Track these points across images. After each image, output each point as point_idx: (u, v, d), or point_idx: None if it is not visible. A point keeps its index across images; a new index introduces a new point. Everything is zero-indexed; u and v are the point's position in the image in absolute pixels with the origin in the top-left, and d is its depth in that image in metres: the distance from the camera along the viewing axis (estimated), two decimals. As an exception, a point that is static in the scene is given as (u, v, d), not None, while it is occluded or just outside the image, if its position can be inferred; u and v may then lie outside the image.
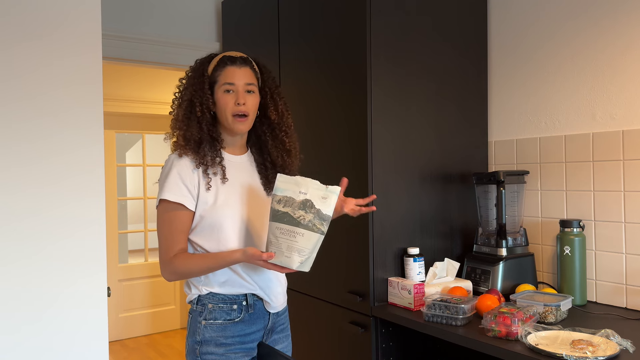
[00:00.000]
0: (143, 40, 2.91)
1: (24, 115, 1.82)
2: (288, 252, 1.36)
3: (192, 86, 1.55)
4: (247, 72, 1.55)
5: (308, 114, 2.30)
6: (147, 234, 5.23)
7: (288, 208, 1.38)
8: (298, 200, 1.38)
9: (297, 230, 1.36)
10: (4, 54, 1.79)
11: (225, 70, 1.54)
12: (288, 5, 2.44)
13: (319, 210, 1.37)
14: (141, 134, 5.27)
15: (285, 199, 1.39)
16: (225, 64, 1.55)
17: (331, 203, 1.38)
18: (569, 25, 2.06)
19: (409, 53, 2.08)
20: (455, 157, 2.22)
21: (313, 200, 1.38)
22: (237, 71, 1.54)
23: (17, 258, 1.81)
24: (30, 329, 1.83)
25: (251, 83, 1.55)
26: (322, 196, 1.38)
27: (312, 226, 1.36)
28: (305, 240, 1.36)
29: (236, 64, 1.55)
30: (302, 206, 1.37)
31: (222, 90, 1.54)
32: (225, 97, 1.53)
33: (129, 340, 4.92)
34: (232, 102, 1.53)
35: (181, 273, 1.49)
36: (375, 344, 1.98)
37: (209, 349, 1.52)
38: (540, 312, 1.69)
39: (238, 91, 1.53)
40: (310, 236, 1.36)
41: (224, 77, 1.54)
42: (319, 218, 1.37)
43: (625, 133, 1.89)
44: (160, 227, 1.52)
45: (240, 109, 1.53)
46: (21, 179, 1.82)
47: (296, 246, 1.36)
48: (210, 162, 1.53)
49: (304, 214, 1.36)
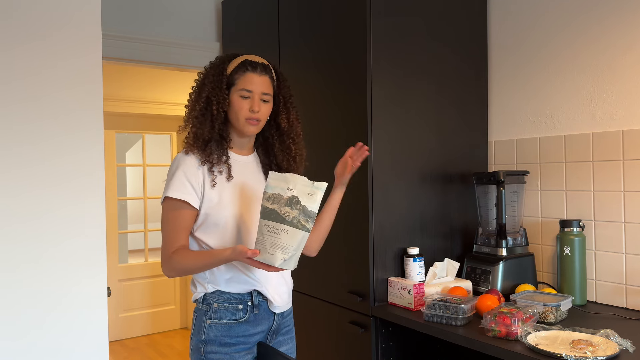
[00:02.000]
0: (143, 40, 2.92)
1: (24, 118, 1.82)
2: (272, 249, 1.37)
3: (210, 83, 1.55)
4: (265, 80, 1.56)
5: (307, 114, 2.30)
6: (147, 234, 5.23)
7: (275, 205, 1.39)
8: (285, 197, 1.39)
9: (282, 227, 1.37)
10: (4, 56, 1.79)
11: (245, 75, 1.54)
12: (288, 5, 2.44)
13: (304, 207, 1.37)
14: (141, 134, 5.27)
15: (274, 196, 1.40)
16: (246, 69, 1.55)
17: (317, 199, 1.39)
18: (569, 26, 2.06)
19: (409, 54, 2.08)
20: (455, 157, 2.22)
21: (299, 196, 1.38)
22: (257, 79, 1.54)
23: (17, 259, 1.81)
24: (30, 329, 1.83)
25: (267, 93, 1.56)
26: (308, 192, 1.39)
27: (297, 223, 1.36)
28: (289, 238, 1.36)
29: (257, 71, 1.55)
30: (288, 203, 1.38)
31: (239, 95, 1.54)
32: (241, 101, 1.54)
33: (129, 340, 4.92)
34: (247, 108, 1.54)
35: (179, 269, 1.50)
36: (375, 344, 1.98)
37: (213, 348, 1.53)
38: (540, 312, 1.69)
39: (254, 99, 1.54)
40: (294, 233, 1.36)
41: (242, 82, 1.54)
42: (304, 215, 1.37)
43: (625, 133, 1.89)
44: (164, 224, 1.54)
45: (253, 115, 1.54)
46: (21, 181, 1.82)
47: (280, 243, 1.36)
48: (216, 160, 1.54)
49: (289, 211, 1.37)
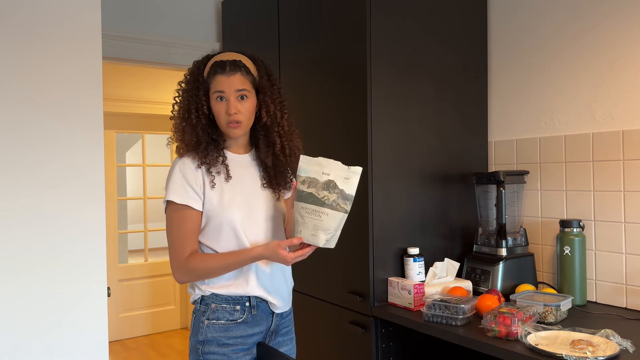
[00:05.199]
0: (143, 40, 2.91)
1: (24, 118, 1.82)
2: (314, 230, 1.42)
3: (187, 92, 1.55)
4: (236, 78, 1.50)
5: (308, 114, 2.30)
6: (147, 234, 5.23)
7: (312, 189, 1.43)
8: (322, 181, 1.43)
9: (322, 210, 1.42)
10: (4, 56, 1.79)
11: (215, 78, 1.51)
12: (288, 5, 2.44)
13: (342, 191, 1.42)
14: (141, 134, 5.27)
15: (309, 180, 1.44)
16: (216, 72, 1.51)
17: (353, 183, 1.43)
18: (569, 26, 2.06)
19: (409, 54, 2.08)
20: (455, 157, 2.22)
21: (336, 180, 1.43)
22: (226, 80, 1.50)
23: (18, 260, 1.81)
24: (30, 329, 1.83)
25: (242, 89, 1.51)
26: (344, 177, 1.43)
27: (337, 206, 1.42)
28: (330, 219, 1.41)
29: (225, 71, 1.50)
30: (325, 187, 1.43)
31: (215, 98, 1.52)
32: (218, 105, 1.51)
33: (129, 340, 4.92)
34: (224, 111, 1.51)
35: (199, 272, 1.48)
36: (375, 344, 1.98)
37: (211, 349, 1.52)
38: (540, 312, 1.69)
39: (229, 99, 1.50)
40: (334, 215, 1.42)
41: (214, 85, 1.51)
42: (343, 198, 1.42)
43: (625, 133, 1.89)
44: (170, 229, 1.52)
45: (231, 118, 1.50)
46: (21, 182, 1.82)
47: (322, 225, 1.42)
48: (212, 162, 1.52)
49: (327, 194, 1.42)
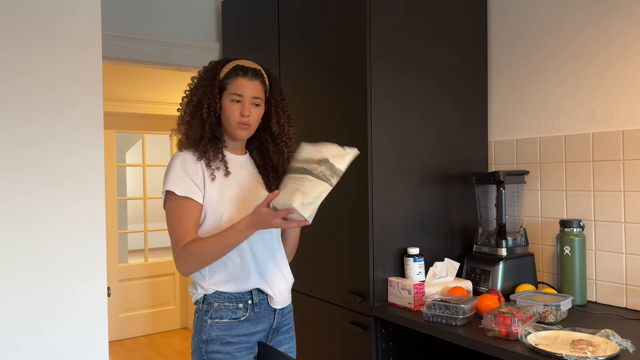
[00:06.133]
0: (143, 40, 2.91)
1: (24, 117, 1.82)
2: (292, 192, 1.38)
3: (202, 87, 1.58)
4: (256, 85, 1.58)
5: (308, 113, 2.30)
6: (147, 234, 5.23)
7: (304, 164, 1.42)
8: (315, 158, 1.42)
9: (306, 177, 1.39)
10: (4, 54, 1.79)
11: (235, 80, 1.57)
12: (288, 5, 2.44)
13: (332, 165, 1.40)
14: (141, 134, 5.27)
15: (304, 160, 1.43)
16: (237, 74, 1.57)
17: (346, 160, 1.42)
18: (569, 25, 2.06)
19: (409, 53, 2.08)
20: (455, 157, 2.22)
21: (329, 157, 1.41)
22: (247, 84, 1.57)
23: (17, 259, 1.81)
24: (30, 329, 1.83)
25: (258, 97, 1.59)
26: (338, 154, 1.42)
27: (322, 176, 1.39)
28: (311, 186, 1.38)
29: (247, 76, 1.57)
30: (317, 162, 1.41)
31: (230, 99, 1.57)
32: (232, 105, 1.57)
33: (129, 340, 4.92)
34: (238, 112, 1.57)
35: (199, 255, 1.47)
36: (375, 344, 1.98)
37: (215, 348, 1.53)
38: (540, 312, 1.69)
39: (244, 103, 1.57)
40: (317, 183, 1.38)
41: (233, 87, 1.57)
42: (331, 171, 1.40)
43: (625, 133, 1.89)
44: (170, 220, 1.53)
45: (244, 120, 1.57)
46: (21, 182, 1.82)
47: (302, 188, 1.37)
48: (212, 157, 1.56)
49: (316, 166, 1.40)
